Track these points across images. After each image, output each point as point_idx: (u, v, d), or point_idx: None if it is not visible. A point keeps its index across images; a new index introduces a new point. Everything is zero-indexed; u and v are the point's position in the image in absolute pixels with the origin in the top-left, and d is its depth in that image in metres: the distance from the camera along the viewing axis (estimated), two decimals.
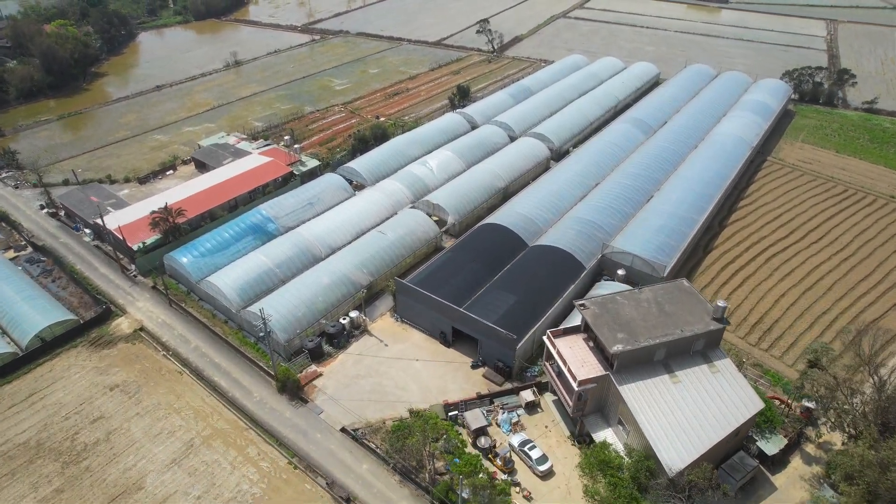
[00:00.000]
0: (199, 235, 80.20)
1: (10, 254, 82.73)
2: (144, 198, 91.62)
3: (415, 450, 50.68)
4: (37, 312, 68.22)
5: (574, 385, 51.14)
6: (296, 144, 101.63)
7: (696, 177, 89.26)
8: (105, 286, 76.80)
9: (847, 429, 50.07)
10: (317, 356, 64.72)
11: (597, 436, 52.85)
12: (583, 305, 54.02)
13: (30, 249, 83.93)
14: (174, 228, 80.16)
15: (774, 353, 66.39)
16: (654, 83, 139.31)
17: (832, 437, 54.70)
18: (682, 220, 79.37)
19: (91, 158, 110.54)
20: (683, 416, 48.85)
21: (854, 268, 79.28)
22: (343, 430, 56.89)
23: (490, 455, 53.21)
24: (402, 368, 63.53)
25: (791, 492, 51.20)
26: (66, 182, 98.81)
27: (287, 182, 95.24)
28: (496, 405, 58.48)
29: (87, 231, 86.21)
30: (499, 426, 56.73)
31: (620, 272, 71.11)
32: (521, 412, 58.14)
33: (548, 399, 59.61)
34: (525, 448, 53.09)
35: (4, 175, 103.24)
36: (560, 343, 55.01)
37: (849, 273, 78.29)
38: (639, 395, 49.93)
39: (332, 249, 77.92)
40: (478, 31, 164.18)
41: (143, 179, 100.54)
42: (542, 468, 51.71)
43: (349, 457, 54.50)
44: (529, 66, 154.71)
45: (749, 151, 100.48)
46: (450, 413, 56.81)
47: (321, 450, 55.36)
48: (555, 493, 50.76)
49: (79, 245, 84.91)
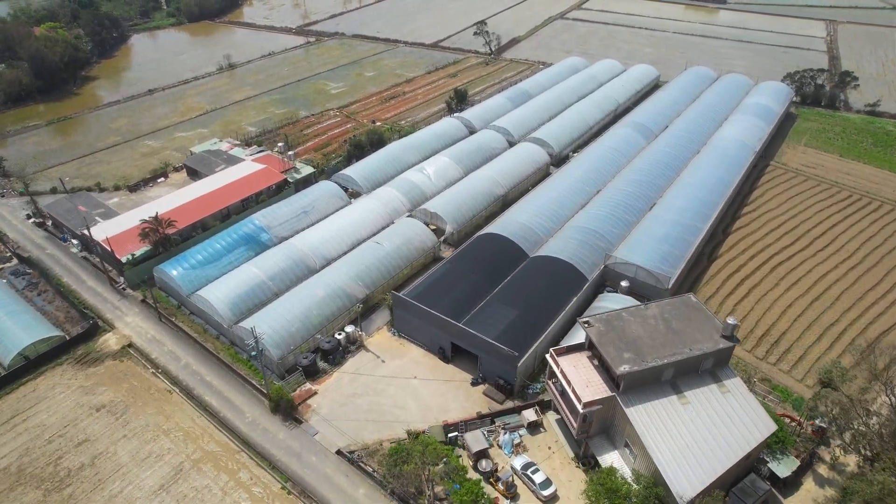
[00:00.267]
0: (191, 246, 77.89)
1: None
2: (134, 206, 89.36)
3: (413, 475, 48.58)
4: (21, 329, 65.84)
5: (579, 407, 49.13)
6: (290, 151, 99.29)
7: (700, 183, 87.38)
8: (93, 300, 74.43)
9: (864, 451, 48.17)
10: (311, 373, 62.53)
11: (602, 459, 50.84)
12: (587, 323, 52.00)
13: (15, 261, 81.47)
14: (164, 239, 77.85)
15: (783, 368, 64.52)
16: (654, 86, 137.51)
17: (846, 458, 52.83)
18: (686, 229, 77.49)
19: (80, 165, 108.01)
20: (693, 440, 46.89)
21: (862, 276, 77.50)
22: (339, 453, 54.75)
23: (492, 479, 51.17)
24: (400, 386, 61.40)
25: None
26: (54, 190, 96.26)
27: (281, 190, 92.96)
28: (497, 425, 56.41)
29: (75, 242, 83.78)
30: (500, 447, 54.68)
31: (624, 283, 69.13)
32: (524, 432, 56.10)
33: (550, 418, 57.59)
34: (528, 471, 51.05)
35: None
36: (563, 362, 52.98)
37: (857, 282, 76.50)
38: (646, 418, 47.95)
39: (327, 260, 75.74)
40: (475, 33, 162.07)
41: (134, 187, 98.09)
42: (546, 493, 49.68)
43: (345, 481, 52.38)
44: (527, 69, 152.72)
45: (752, 156, 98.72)
46: (450, 434, 54.72)
47: (316, 474, 53.22)
48: None
49: (66, 256, 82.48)
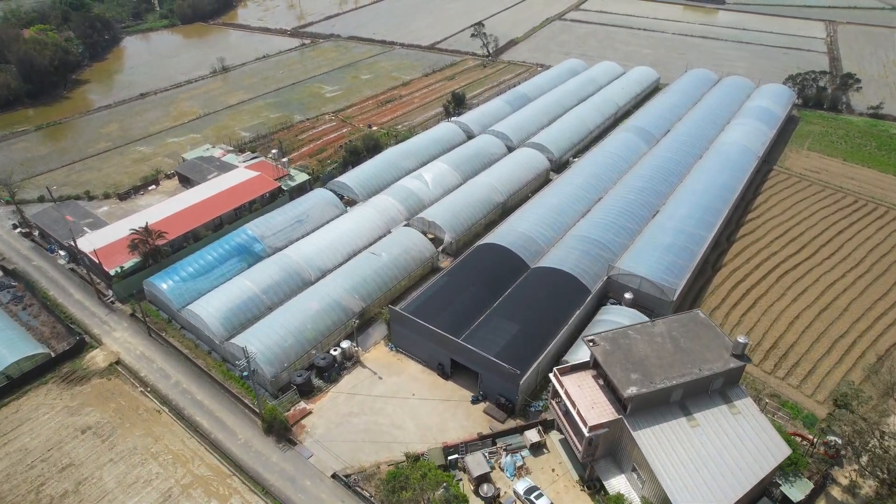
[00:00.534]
0: (182, 258, 75.65)
1: None
2: (124, 215, 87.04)
3: (412, 503, 46.53)
4: (3, 346, 63.40)
5: (584, 430, 47.12)
6: (284, 158, 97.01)
7: (703, 190, 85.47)
8: (80, 314, 72.09)
9: (881, 475, 46.31)
10: (306, 392, 60.38)
11: (609, 484, 48.86)
12: (592, 342, 50.02)
13: (0, 273, 79.00)
14: (154, 251, 75.56)
15: (792, 382, 62.66)
16: (655, 88, 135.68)
17: (860, 480, 50.96)
18: (691, 238, 75.58)
19: (69, 172, 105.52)
20: (704, 465, 44.93)
21: (870, 286, 75.72)
22: (334, 477, 52.64)
23: None
24: (398, 404, 59.31)
25: None
26: (42, 199, 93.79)
27: (275, 198, 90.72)
28: (499, 447, 54.38)
29: (62, 253, 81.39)
30: (502, 470, 52.65)
31: (628, 296, 67.20)
32: (526, 453, 54.07)
33: (554, 438, 55.57)
34: (531, 496, 49.05)
35: None
36: (568, 381, 50.97)
37: (865, 292, 74.71)
38: (654, 442, 45.98)
39: (322, 272, 73.61)
40: (472, 35, 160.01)
41: (124, 195, 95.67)
42: None
43: None
44: (525, 71, 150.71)
45: (756, 161, 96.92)
46: (450, 457, 52.67)
47: (310, 499, 51.10)
48: None
49: (53, 268, 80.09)
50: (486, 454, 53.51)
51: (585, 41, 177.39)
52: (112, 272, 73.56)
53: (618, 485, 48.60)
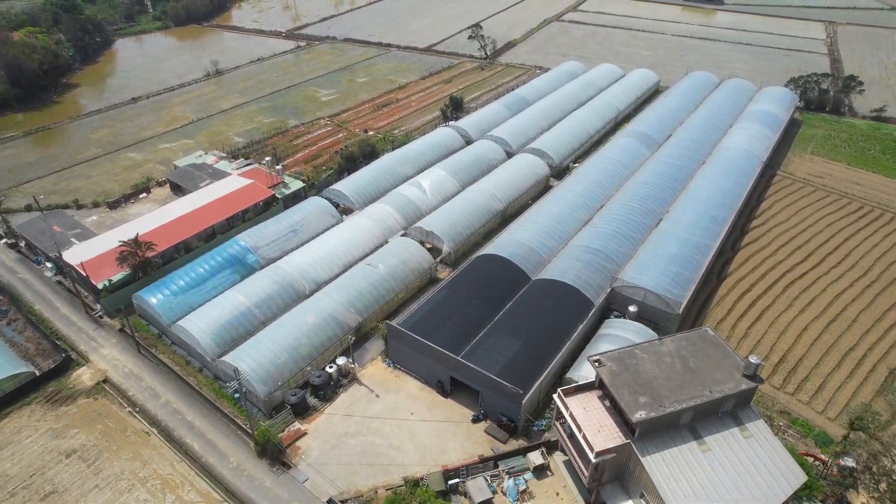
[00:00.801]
0: (173, 270, 73.48)
1: None
2: (114, 225, 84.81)
3: None
4: None
5: (591, 456, 45.13)
6: (278, 165, 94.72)
7: (707, 197, 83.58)
8: (66, 329, 69.76)
9: None
10: (301, 411, 58.26)
11: None
12: (598, 362, 48.03)
13: None
14: (144, 263, 73.25)
15: (802, 398, 60.85)
16: (655, 91, 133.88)
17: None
18: (696, 247, 73.68)
19: (58, 180, 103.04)
20: (716, 492, 42.98)
21: (879, 296, 74.00)
22: (330, 502, 50.57)
23: None
24: (396, 424, 57.22)
25: None
26: (29, 208, 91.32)
27: (269, 206, 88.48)
28: (501, 469, 52.39)
29: (49, 265, 79.04)
30: (505, 494, 50.68)
31: (632, 309, 65.29)
32: (530, 476, 52.10)
33: (558, 459, 53.62)
34: None
35: None
36: (572, 403, 48.98)
37: (874, 302, 72.98)
38: (664, 468, 44.04)
39: (318, 284, 71.48)
40: (470, 37, 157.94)
41: (114, 204, 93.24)
42: None
43: None
44: (524, 74, 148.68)
45: (759, 167, 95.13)
46: (450, 482, 50.65)
47: None
48: None
49: (39, 281, 77.70)
50: (488, 478, 51.54)
51: (584, 43, 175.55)
52: (100, 286, 71.26)
53: None
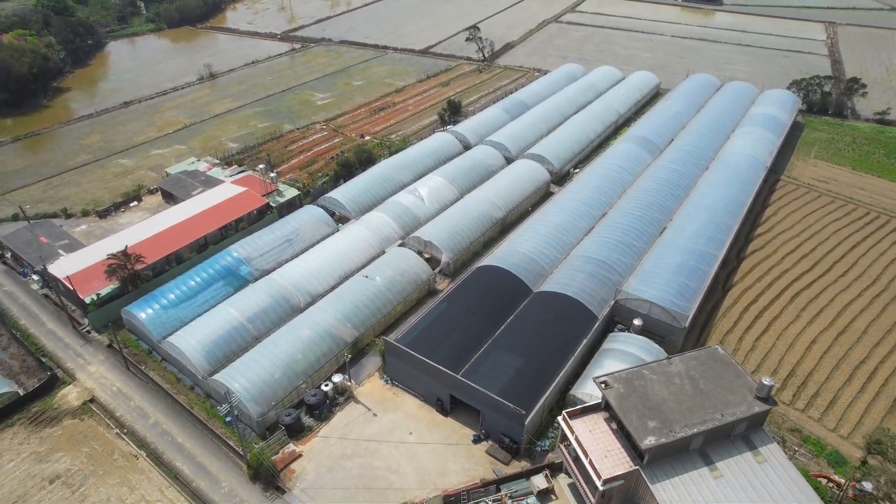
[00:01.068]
0: (163, 282, 71.33)
1: None
2: (104, 235, 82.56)
3: None
4: None
5: (598, 483, 43.22)
6: (272, 172, 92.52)
7: (711, 204, 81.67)
8: (52, 345, 67.53)
9: None
10: (295, 431, 56.19)
11: None
12: (605, 384, 46.12)
13: None
14: (133, 276, 71.01)
15: (812, 415, 59.00)
16: (655, 94, 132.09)
17: None
18: (701, 257, 71.78)
19: (47, 187, 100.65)
20: None
21: (888, 305, 72.30)
22: None
23: None
24: (395, 445, 55.21)
25: None
26: (16, 217, 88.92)
27: (263, 215, 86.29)
28: (504, 494, 50.42)
29: (35, 277, 76.75)
30: None
31: (637, 322, 63.34)
32: (533, 500, 50.13)
33: (562, 482, 51.65)
34: None
35: None
36: (578, 427, 47.06)
37: (883, 312, 71.28)
38: (674, 496, 42.16)
39: (313, 297, 69.41)
40: (467, 39, 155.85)
41: (104, 213, 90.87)
42: None
43: None
44: (522, 76, 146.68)
45: (763, 172, 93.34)
46: None
47: None
48: None
49: (25, 294, 75.45)
50: (490, 502, 49.57)
51: (583, 44, 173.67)
52: (88, 300, 69.01)
53: None
